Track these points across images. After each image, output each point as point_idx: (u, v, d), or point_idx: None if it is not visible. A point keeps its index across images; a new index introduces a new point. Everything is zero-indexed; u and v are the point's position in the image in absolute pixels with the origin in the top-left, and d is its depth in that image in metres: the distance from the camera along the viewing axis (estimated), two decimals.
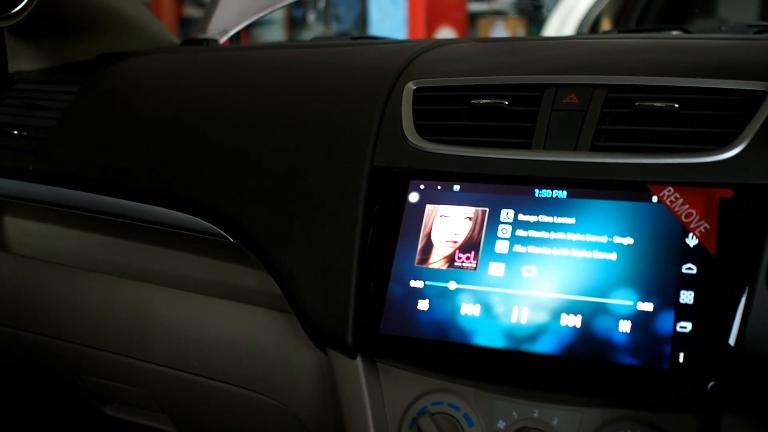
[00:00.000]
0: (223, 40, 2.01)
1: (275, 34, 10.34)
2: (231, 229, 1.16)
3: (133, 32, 1.71)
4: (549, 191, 0.97)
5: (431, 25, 7.40)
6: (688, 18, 4.74)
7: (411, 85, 1.12)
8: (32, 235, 1.46)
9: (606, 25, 4.71)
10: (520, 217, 0.97)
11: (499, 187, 1.00)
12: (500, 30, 9.37)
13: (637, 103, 0.98)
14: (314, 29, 10.57)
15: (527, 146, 1.00)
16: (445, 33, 7.54)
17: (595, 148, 0.97)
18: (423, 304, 0.97)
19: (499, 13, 9.78)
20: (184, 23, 10.41)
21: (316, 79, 1.23)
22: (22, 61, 1.57)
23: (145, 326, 1.22)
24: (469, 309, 0.95)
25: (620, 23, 4.77)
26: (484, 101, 1.06)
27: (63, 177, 1.33)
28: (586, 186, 0.95)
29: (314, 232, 1.07)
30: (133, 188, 1.26)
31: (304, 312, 1.05)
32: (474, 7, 9.20)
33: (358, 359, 1.02)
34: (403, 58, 1.19)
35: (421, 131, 1.07)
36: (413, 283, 0.99)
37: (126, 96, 1.39)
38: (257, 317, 1.16)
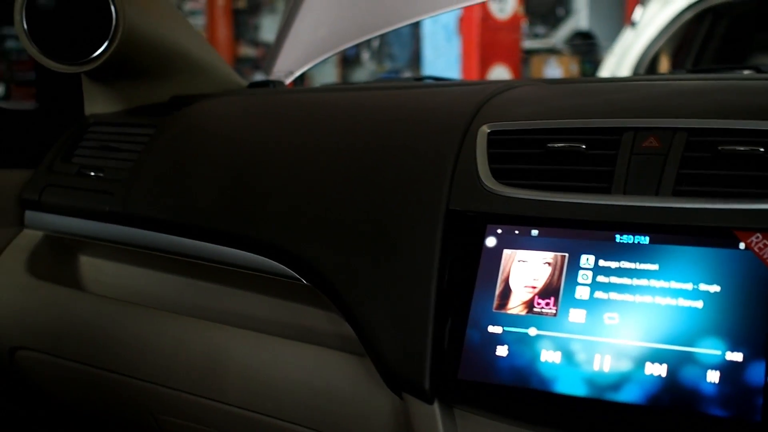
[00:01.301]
0: (288, 81, 2.04)
1: (329, 72, 10.45)
2: (305, 272, 1.17)
3: (204, 75, 1.74)
4: (630, 237, 0.96)
5: (485, 63, 7.41)
6: (747, 56, 4.70)
7: (485, 129, 1.12)
8: (107, 274, 1.49)
9: (664, 63, 4.69)
10: (601, 262, 0.96)
11: (579, 232, 0.99)
12: (553, 67, 9.38)
13: (719, 147, 0.96)
14: (367, 67, 10.66)
15: (607, 191, 0.99)
16: (499, 71, 7.55)
17: (677, 193, 0.96)
18: (502, 350, 0.97)
19: (552, 51, 9.79)
20: (239, 62, 10.58)
21: (389, 123, 1.24)
22: (98, 104, 1.61)
23: (219, 367, 1.23)
24: (549, 356, 0.94)
25: (677, 61, 4.74)
26: (561, 145, 1.05)
27: (138, 218, 1.35)
28: (669, 232, 0.94)
29: (390, 276, 1.07)
30: (206, 230, 1.27)
31: (379, 356, 1.05)
32: (527, 44, 9.23)
33: (435, 405, 1.01)
34: (476, 101, 1.19)
35: (497, 175, 1.07)
36: (491, 329, 0.98)
37: (199, 139, 1.41)
38: (331, 360, 1.16)
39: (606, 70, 4.77)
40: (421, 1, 1.93)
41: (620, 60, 4.68)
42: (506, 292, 0.99)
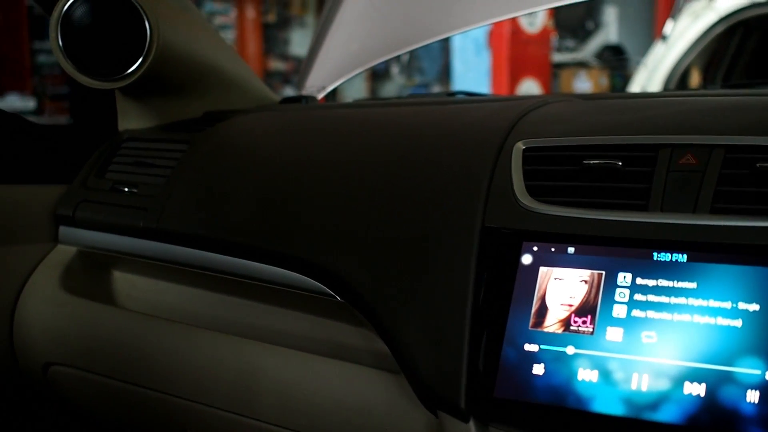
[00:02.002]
0: (320, 96, 2.05)
1: (358, 85, 10.49)
2: (339, 288, 1.17)
3: (237, 90, 1.75)
4: (668, 255, 0.95)
5: (514, 77, 7.41)
6: None
7: (520, 145, 1.12)
8: (140, 289, 1.49)
9: (695, 77, 4.66)
10: (638, 280, 0.95)
11: (616, 249, 0.98)
12: (583, 80, 9.35)
13: (757, 164, 0.95)
14: (397, 81, 10.69)
15: (643, 208, 0.99)
16: (529, 84, 7.54)
17: (715, 211, 0.95)
18: (538, 368, 0.96)
19: (581, 64, 9.78)
20: (269, 75, 10.66)
21: (423, 139, 1.23)
22: (131, 119, 1.62)
23: (252, 384, 1.23)
24: (586, 374, 0.93)
25: (708, 75, 4.72)
26: (597, 162, 1.05)
27: (172, 234, 1.35)
28: (708, 250, 0.93)
29: (425, 293, 1.06)
30: (241, 245, 1.27)
31: (414, 373, 1.04)
32: (557, 57, 9.21)
33: (471, 423, 1.00)
34: (510, 117, 1.19)
35: (532, 192, 1.06)
36: (528, 347, 0.97)
37: (232, 155, 1.41)
38: (365, 377, 1.16)
39: (637, 84, 4.76)
40: (453, 17, 1.93)
41: (651, 74, 4.66)
42: (542, 309, 0.99)
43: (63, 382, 1.46)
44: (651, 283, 0.95)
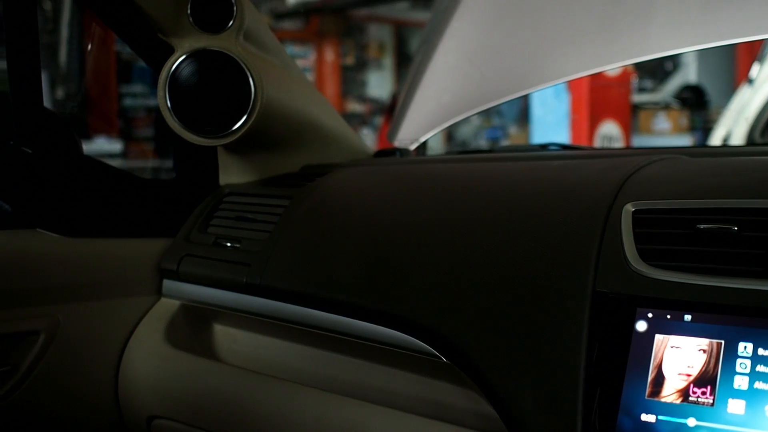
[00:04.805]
0: (413, 148, 2.06)
1: None
2: (446, 350, 1.16)
3: (333, 143, 1.77)
4: None
5: (594, 119, 7.34)
6: None
7: (630, 207, 1.10)
8: (241, 343, 1.50)
9: None
10: (760, 351, 0.93)
11: (735, 318, 0.96)
12: (662, 121, 9.23)
13: None
14: (473, 122, 10.69)
15: (763, 275, 0.96)
16: (609, 126, 7.47)
17: None
18: None
19: (661, 105, 9.66)
20: (347, 117, 10.75)
21: (528, 199, 1.23)
22: (232, 174, 1.65)
23: None
24: None
25: None
26: (712, 226, 1.03)
27: (276, 290, 1.36)
28: None
29: (537, 358, 1.05)
30: (345, 304, 1.28)
31: None
32: (635, 98, 9.12)
33: None
34: (618, 177, 1.18)
35: (644, 255, 1.04)
36: (645, 417, 0.95)
37: (334, 211, 1.43)
38: None
39: (722, 128, 4.69)
40: (547, 69, 1.93)
41: (737, 117, 4.58)
42: (659, 378, 0.96)
43: None
44: None
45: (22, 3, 1.41)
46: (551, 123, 7.29)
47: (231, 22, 1.47)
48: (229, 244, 1.49)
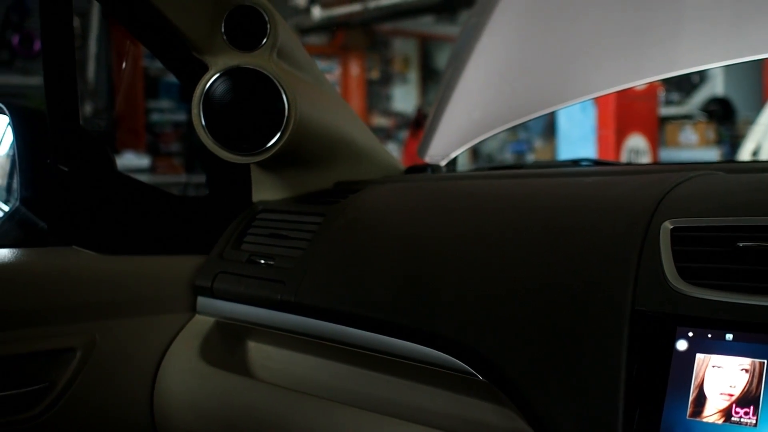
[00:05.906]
0: (443, 164, 2.06)
1: None
2: (482, 368, 1.15)
3: (365, 160, 1.77)
4: None
5: (621, 133, 7.32)
6: None
7: (668, 225, 1.09)
8: (275, 360, 1.50)
9: None
10: None
11: None
12: (689, 134, 9.19)
13: None
14: (498, 136, 10.67)
15: None
16: (636, 140, 7.44)
17: None
18: None
19: (688, 117, 9.61)
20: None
21: (565, 216, 1.22)
22: (265, 191, 1.65)
23: None
24: None
25: None
26: (753, 244, 1.02)
27: (310, 308, 1.36)
28: None
29: (575, 376, 1.04)
30: (380, 322, 1.27)
31: None
32: (662, 111, 9.08)
33: None
34: (655, 194, 1.17)
35: (683, 274, 1.04)
36: None
37: (368, 228, 1.43)
38: None
39: (752, 142, 4.67)
40: (577, 85, 1.92)
41: (767, 131, 4.56)
42: (701, 398, 0.96)
43: None
44: None
45: (60, 22, 1.43)
46: (577, 137, 7.27)
47: (265, 40, 1.48)
48: (262, 261, 1.49)
